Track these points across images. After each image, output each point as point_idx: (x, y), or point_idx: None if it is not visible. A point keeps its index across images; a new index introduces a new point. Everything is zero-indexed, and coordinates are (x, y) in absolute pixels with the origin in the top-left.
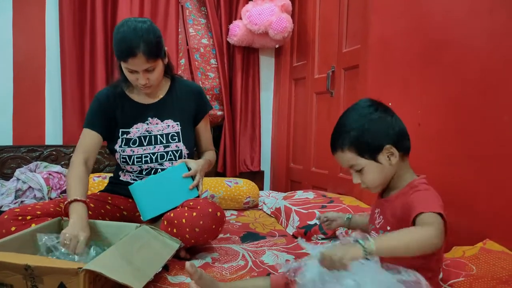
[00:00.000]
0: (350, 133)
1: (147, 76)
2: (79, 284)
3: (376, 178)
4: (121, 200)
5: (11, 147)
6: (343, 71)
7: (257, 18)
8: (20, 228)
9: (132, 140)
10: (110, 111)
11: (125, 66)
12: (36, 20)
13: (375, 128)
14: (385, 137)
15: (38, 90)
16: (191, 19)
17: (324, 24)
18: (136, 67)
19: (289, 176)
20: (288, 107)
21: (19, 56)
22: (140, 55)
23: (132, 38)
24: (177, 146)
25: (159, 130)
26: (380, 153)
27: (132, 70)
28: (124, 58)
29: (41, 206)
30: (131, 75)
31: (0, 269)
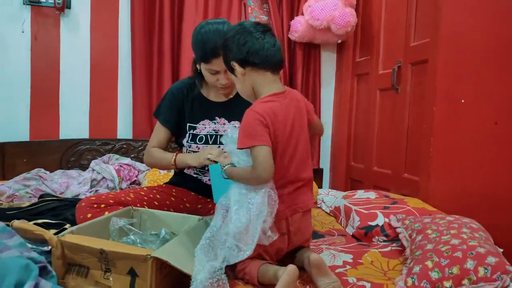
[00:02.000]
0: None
1: (227, 76)
2: (147, 269)
3: (239, 90)
4: (185, 192)
5: (88, 140)
6: (410, 66)
7: (319, 13)
8: (94, 215)
9: (199, 137)
10: (180, 103)
11: (207, 67)
12: (111, 23)
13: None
14: (233, 54)
15: (111, 88)
16: (253, 16)
17: (390, 16)
18: (218, 67)
19: (349, 174)
20: (350, 103)
21: (95, 57)
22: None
23: (215, 39)
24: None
25: (225, 130)
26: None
27: (214, 72)
28: (208, 59)
29: (114, 195)
30: (212, 77)
31: (79, 252)
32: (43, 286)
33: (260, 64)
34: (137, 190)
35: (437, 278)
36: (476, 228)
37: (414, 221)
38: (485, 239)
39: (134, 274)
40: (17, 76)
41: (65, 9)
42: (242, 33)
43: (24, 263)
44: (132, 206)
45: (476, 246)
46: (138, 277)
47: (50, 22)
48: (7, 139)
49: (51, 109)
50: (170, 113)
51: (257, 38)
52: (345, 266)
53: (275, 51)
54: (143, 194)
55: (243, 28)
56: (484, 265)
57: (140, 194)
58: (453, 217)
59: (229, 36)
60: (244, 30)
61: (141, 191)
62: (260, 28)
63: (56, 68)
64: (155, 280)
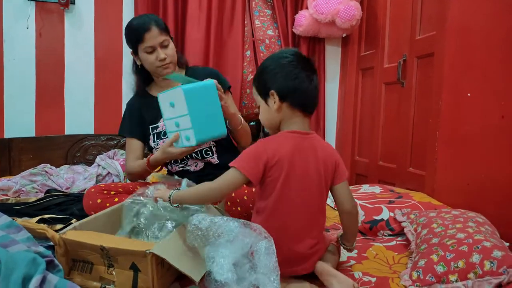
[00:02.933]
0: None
1: (164, 52)
2: (148, 265)
3: (264, 119)
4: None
5: (93, 135)
6: (416, 60)
7: (324, 7)
8: (104, 201)
9: (162, 132)
10: (138, 113)
11: (142, 47)
12: (115, 18)
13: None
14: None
15: (116, 83)
16: (257, 10)
17: (396, 9)
18: (152, 41)
19: (354, 169)
20: (355, 98)
21: (99, 52)
22: (153, 28)
23: (142, 18)
24: None
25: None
26: (268, 97)
27: (150, 49)
28: (140, 36)
29: (122, 185)
30: (150, 56)
31: (82, 248)
32: (50, 279)
33: (301, 104)
34: (143, 183)
35: (442, 271)
36: (482, 222)
37: (420, 215)
38: (491, 233)
39: (136, 269)
40: (22, 72)
41: (69, 4)
42: (295, 66)
43: (31, 257)
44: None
45: (482, 240)
46: (140, 271)
47: (54, 18)
48: (13, 135)
49: (56, 104)
50: (132, 124)
51: (307, 78)
52: (349, 261)
53: (316, 94)
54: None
55: (297, 60)
56: (490, 259)
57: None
58: (458, 211)
59: (280, 62)
60: (298, 64)
61: (147, 184)
62: (310, 67)
63: (61, 63)
64: (156, 274)
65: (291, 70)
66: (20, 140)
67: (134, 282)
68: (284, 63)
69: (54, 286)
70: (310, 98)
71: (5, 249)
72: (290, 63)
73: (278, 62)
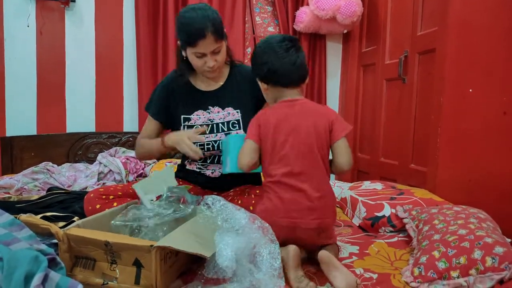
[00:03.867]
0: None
1: (215, 58)
2: (151, 260)
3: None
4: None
5: (94, 133)
6: (418, 56)
7: (325, 3)
8: (103, 206)
9: (194, 127)
10: (172, 96)
11: (193, 51)
12: (115, 16)
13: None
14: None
15: (117, 81)
16: (257, 7)
17: (397, 5)
18: (205, 49)
19: (355, 166)
20: (356, 94)
21: (100, 50)
22: (209, 36)
23: (200, 20)
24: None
25: (220, 118)
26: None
27: (200, 54)
28: (194, 41)
29: (121, 188)
30: (199, 60)
31: (85, 244)
32: (52, 277)
33: (278, 82)
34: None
35: (444, 268)
36: (483, 218)
37: (421, 212)
38: (493, 229)
39: (139, 265)
40: (23, 70)
41: (70, 2)
42: (265, 51)
43: (33, 255)
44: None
45: (483, 236)
46: (143, 267)
47: (55, 16)
48: (15, 133)
49: (58, 102)
50: (159, 108)
51: (279, 58)
52: (351, 257)
53: (294, 69)
54: None
55: (267, 45)
56: (492, 255)
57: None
58: (460, 207)
59: (255, 52)
60: (268, 48)
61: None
62: (284, 45)
63: (62, 62)
64: (160, 270)
65: (261, 56)
66: (22, 138)
67: (137, 278)
68: (258, 52)
69: (56, 283)
70: (284, 75)
71: (7, 247)
72: (262, 50)
73: (255, 52)
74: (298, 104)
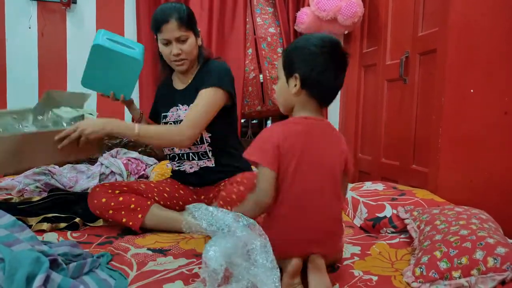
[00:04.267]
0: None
1: (179, 47)
2: None
3: (279, 96)
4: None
5: None
6: (419, 56)
7: (326, 4)
8: (109, 200)
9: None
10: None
11: (160, 38)
12: (116, 17)
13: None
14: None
15: None
16: (258, 8)
17: (398, 6)
18: (168, 35)
19: (356, 166)
20: (357, 95)
21: None
22: (172, 21)
23: (165, 8)
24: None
25: (179, 116)
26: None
27: (165, 41)
28: (158, 27)
29: (126, 184)
30: (166, 49)
31: None
32: (54, 278)
33: (320, 97)
34: (146, 182)
35: (445, 268)
36: (485, 219)
37: (423, 212)
38: (495, 230)
39: None
40: (24, 71)
41: (71, 4)
42: (327, 59)
43: (35, 256)
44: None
45: (485, 236)
46: None
47: (56, 17)
48: None
49: None
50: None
51: (335, 71)
52: (353, 257)
53: (338, 89)
54: (153, 186)
55: (331, 53)
56: (494, 256)
57: (151, 186)
58: (461, 208)
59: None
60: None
61: (151, 183)
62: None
63: (63, 63)
64: None
65: (321, 63)
66: None
67: None
68: (317, 52)
69: (57, 284)
70: (330, 94)
71: (9, 248)
72: (323, 54)
73: (313, 47)
74: (323, 126)
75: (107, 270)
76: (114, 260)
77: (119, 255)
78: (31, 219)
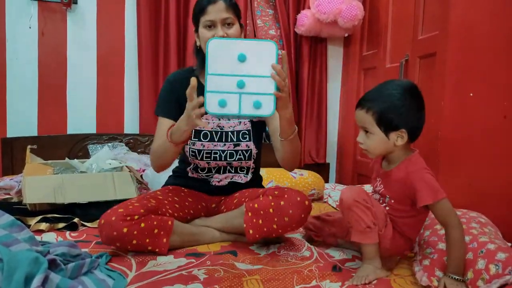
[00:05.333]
0: (383, 102)
1: (225, 31)
2: None
3: (377, 148)
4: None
5: (95, 135)
6: (418, 60)
7: (326, 7)
8: (131, 229)
9: (203, 133)
10: (179, 94)
11: (203, 20)
12: (117, 18)
13: (404, 112)
14: (407, 123)
15: (118, 83)
16: (259, 10)
17: (398, 9)
18: (214, 15)
19: (356, 169)
20: (357, 98)
21: (102, 52)
22: (220, 2)
23: None
24: (247, 146)
25: (230, 126)
26: (393, 132)
27: (210, 23)
28: (203, 8)
29: (139, 204)
30: (208, 33)
31: None
32: (52, 279)
33: (414, 140)
34: (152, 195)
35: None
36: (484, 222)
37: None
38: (495, 234)
39: None
40: (24, 71)
41: (72, 4)
42: (422, 107)
43: (33, 257)
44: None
45: (486, 242)
46: None
47: (57, 17)
48: (16, 134)
49: (59, 104)
50: (169, 103)
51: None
52: (354, 260)
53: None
54: (161, 198)
55: (419, 100)
56: (495, 262)
57: (159, 199)
58: (460, 211)
59: (412, 103)
60: (421, 103)
61: (158, 196)
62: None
63: (63, 63)
64: None
65: (422, 112)
66: (23, 139)
67: None
68: (414, 106)
69: (56, 285)
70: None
71: (7, 248)
72: (419, 104)
73: (410, 100)
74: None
75: (105, 271)
76: (113, 260)
77: (118, 255)
78: (29, 219)
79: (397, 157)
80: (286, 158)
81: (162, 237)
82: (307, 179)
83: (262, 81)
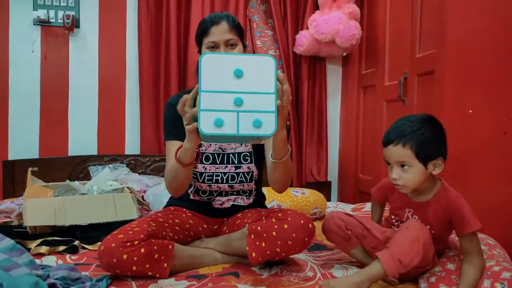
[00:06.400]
0: (416, 136)
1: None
2: None
3: (416, 181)
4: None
5: (96, 156)
6: (417, 77)
7: (324, 27)
8: (131, 255)
9: (205, 156)
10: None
11: (206, 41)
12: (118, 41)
13: (437, 141)
14: (442, 151)
15: (119, 105)
16: (258, 31)
17: (395, 28)
18: (218, 37)
19: (357, 187)
20: (356, 116)
21: (103, 75)
22: (223, 23)
23: (215, 13)
24: (248, 168)
25: (232, 148)
26: (431, 162)
27: (213, 45)
28: (206, 29)
29: (139, 228)
30: None
31: None
32: None
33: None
34: (153, 217)
35: None
36: (493, 244)
37: None
38: (503, 257)
39: None
40: (27, 94)
41: (74, 28)
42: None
43: (33, 281)
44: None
45: (492, 265)
46: None
47: (59, 41)
48: (17, 157)
49: (60, 126)
50: (174, 125)
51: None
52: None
53: None
54: (162, 221)
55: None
56: (500, 281)
57: (160, 221)
58: None
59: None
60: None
61: (158, 218)
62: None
63: (65, 86)
64: None
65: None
66: (24, 162)
67: None
68: (441, 133)
69: None
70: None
71: (7, 272)
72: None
73: (440, 131)
74: None
75: None
76: (113, 284)
77: (119, 278)
78: (30, 242)
79: (428, 187)
80: (277, 181)
81: (162, 262)
82: (309, 197)
83: (261, 98)
